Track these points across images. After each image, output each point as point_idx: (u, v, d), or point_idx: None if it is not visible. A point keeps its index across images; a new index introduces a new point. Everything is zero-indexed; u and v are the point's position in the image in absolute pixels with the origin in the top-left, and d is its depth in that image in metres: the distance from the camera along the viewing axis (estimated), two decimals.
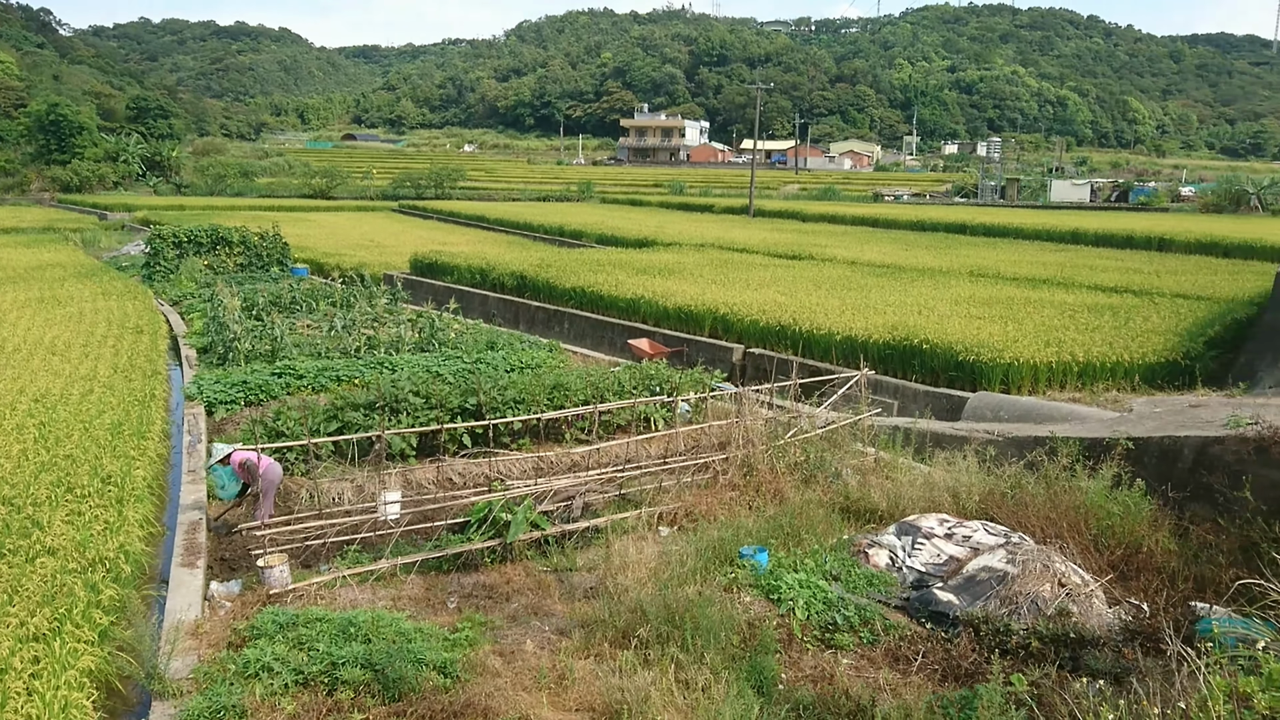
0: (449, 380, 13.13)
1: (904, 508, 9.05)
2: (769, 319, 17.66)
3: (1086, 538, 7.93)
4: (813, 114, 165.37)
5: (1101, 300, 20.19)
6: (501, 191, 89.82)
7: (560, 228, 46.34)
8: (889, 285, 22.80)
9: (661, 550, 7.86)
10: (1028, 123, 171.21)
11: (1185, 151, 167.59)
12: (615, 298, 21.51)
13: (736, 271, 25.83)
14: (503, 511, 8.38)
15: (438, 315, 19.18)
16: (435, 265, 29.41)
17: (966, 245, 36.35)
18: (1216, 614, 6.17)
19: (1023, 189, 79.69)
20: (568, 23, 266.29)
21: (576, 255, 31.22)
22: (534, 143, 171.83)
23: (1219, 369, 15.04)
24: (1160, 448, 9.23)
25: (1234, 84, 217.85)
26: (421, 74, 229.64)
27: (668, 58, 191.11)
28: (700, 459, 10.27)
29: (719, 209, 64.86)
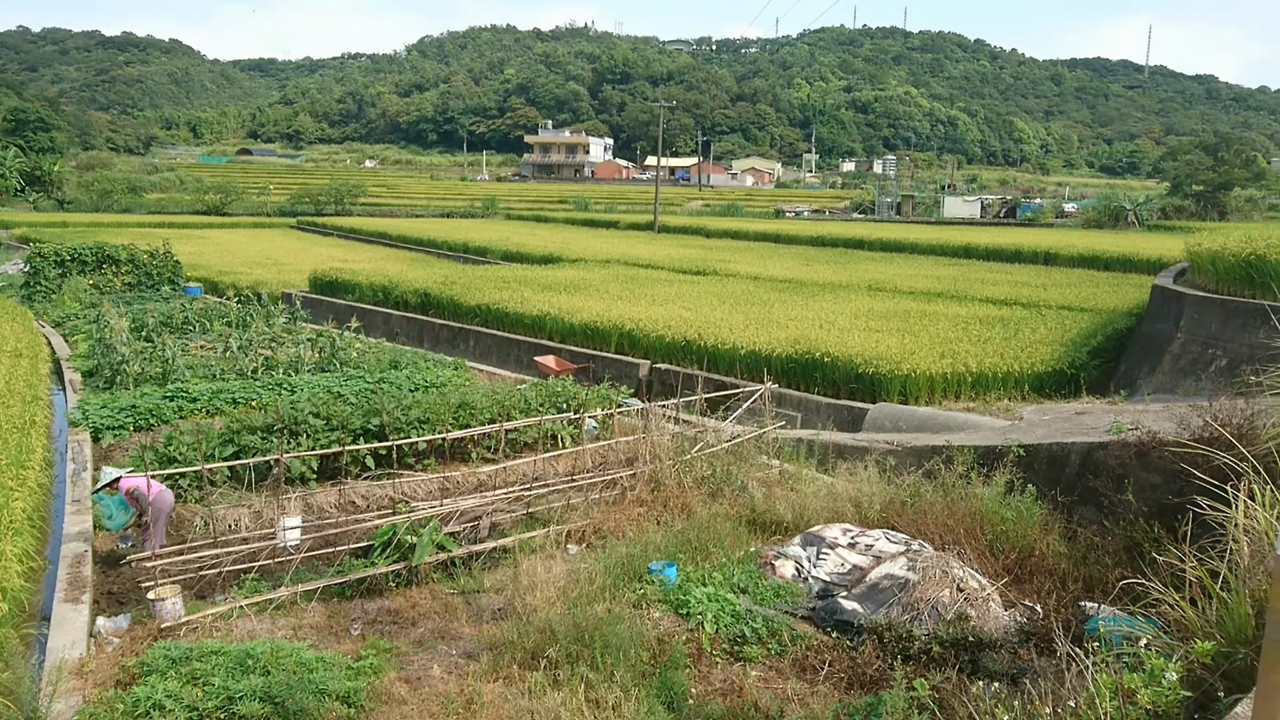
0: (351, 401, 12.86)
1: (809, 519, 9.19)
2: (675, 334, 17.80)
3: (982, 543, 8.18)
4: (715, 132, 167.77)
5: (992, 312, 20.94)
6: (404, 208, 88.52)
7: (465, 244, 45.93)
8: (791, 300, 23.23)
9: (570, 569, 7.81)
10: (921, 141, 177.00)
11: (1067, 170, 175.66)
12: (521, 315, 21.40)
13: (642, 287, 25.97)
14: (408, 534, 8.21)
15: (339, 334, 18.76)
16: (336, 283, 28.80)
17: (865, 260, 37.33)
18: (1104, 613, 6.42)
19: (917, 205, 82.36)
20: (470, 39, 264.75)
21: (481, 272, 30.97)
22: (437, 159, 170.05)
23: (1102, 377, 15.76)
24: (1049, 454, 9.59)
25: (1110, 106, 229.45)
26: (320, 88, 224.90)
27: (571, 75, 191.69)
28: (608, 475, 10.25)
29: (624, 225, 65.20)
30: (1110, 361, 16.66)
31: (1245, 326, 12.56)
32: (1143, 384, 14.37)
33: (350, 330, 19.86)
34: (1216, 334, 13.41)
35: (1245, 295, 13.52)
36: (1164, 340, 14.87)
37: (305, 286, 30.18)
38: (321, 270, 30.66)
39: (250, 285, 29.28)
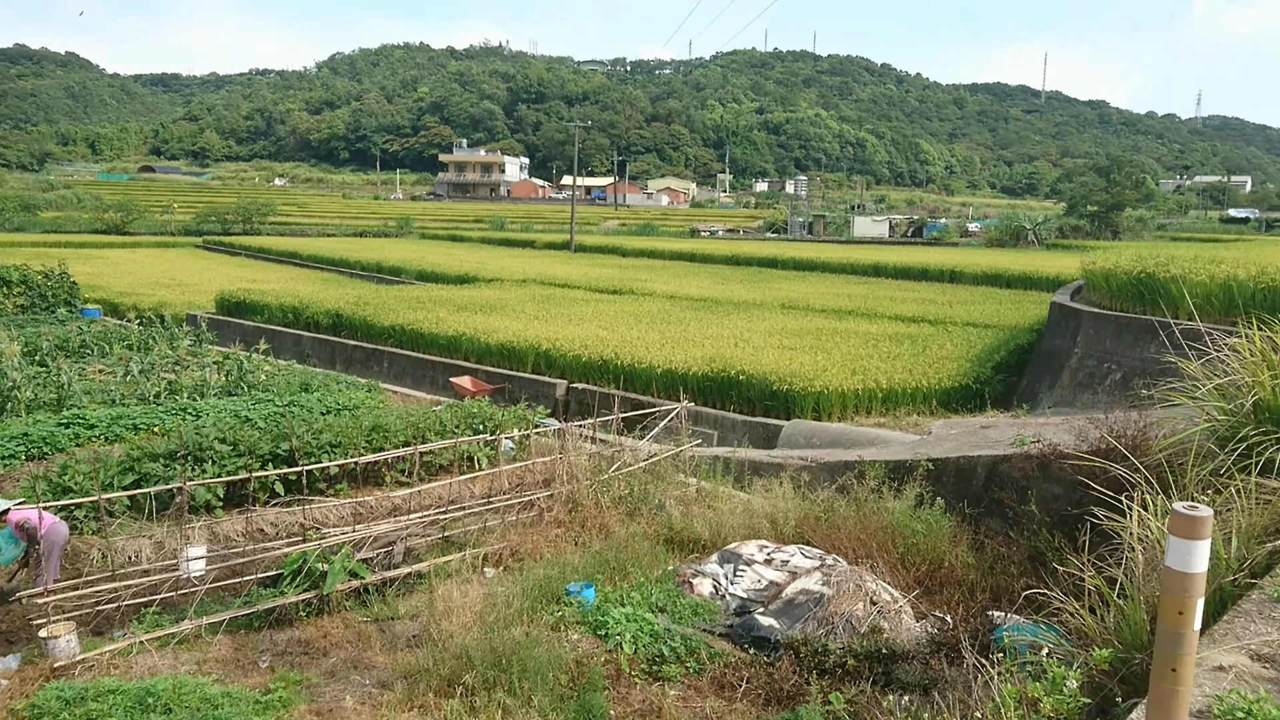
0: (259, 425, 12.49)
1: (726, 536, 9.25)
2: (591, 354, 17.80)
3: (894, 556, 8.34)
4: (630, 152, 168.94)
5: (901, 330, 21.47)
6: (315, 227, 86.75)
7: (378, 264, 45.23)
8: (707, 318, 23.45)
9: (487, 592, 7.71)
10: (831, 162, 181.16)
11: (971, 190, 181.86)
12: (436, 335, 21.14)
13: (559, 307, 25.93)
14: (319, 561, 8.00)
15: (247, 357, 18.24)
16: (244, 304, 28.05)
17: (778, 279, 37.93)
18: (1010, 622, 6.60)
19: (828, 225, 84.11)
20: (382, 56, 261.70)
21: (396, 292, 30.53)
22: (349, 177, 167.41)
23: (1005, 391, 16.28)
24: (957, 467, 9.84)
25: (1010, 129, 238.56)
26: (227, 104, 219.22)
27: (486, 94, 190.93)
28: (525, 497, 10.17)
29: (540, 244, 65.06)
30: (1013, 376, 17.23)
31: (1137, 341, 13.12)
32: (1044, 397, 14.89)
33: (259, 353, 19.32)
34: (1111, 349, 13.98)
35: (1137, 311, 14.12)
36: (1063, 355, 15.44)
37: (211, 308, 29.30)
38: (229, 291, 29.82)
39: (153, 307, 28.30)
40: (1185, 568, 2.59)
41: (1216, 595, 3.91)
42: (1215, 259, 14.31)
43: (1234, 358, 6.16)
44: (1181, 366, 6.66)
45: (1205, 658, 3.09)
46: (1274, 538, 4.21)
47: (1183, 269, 13.41)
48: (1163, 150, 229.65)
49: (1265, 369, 5.72)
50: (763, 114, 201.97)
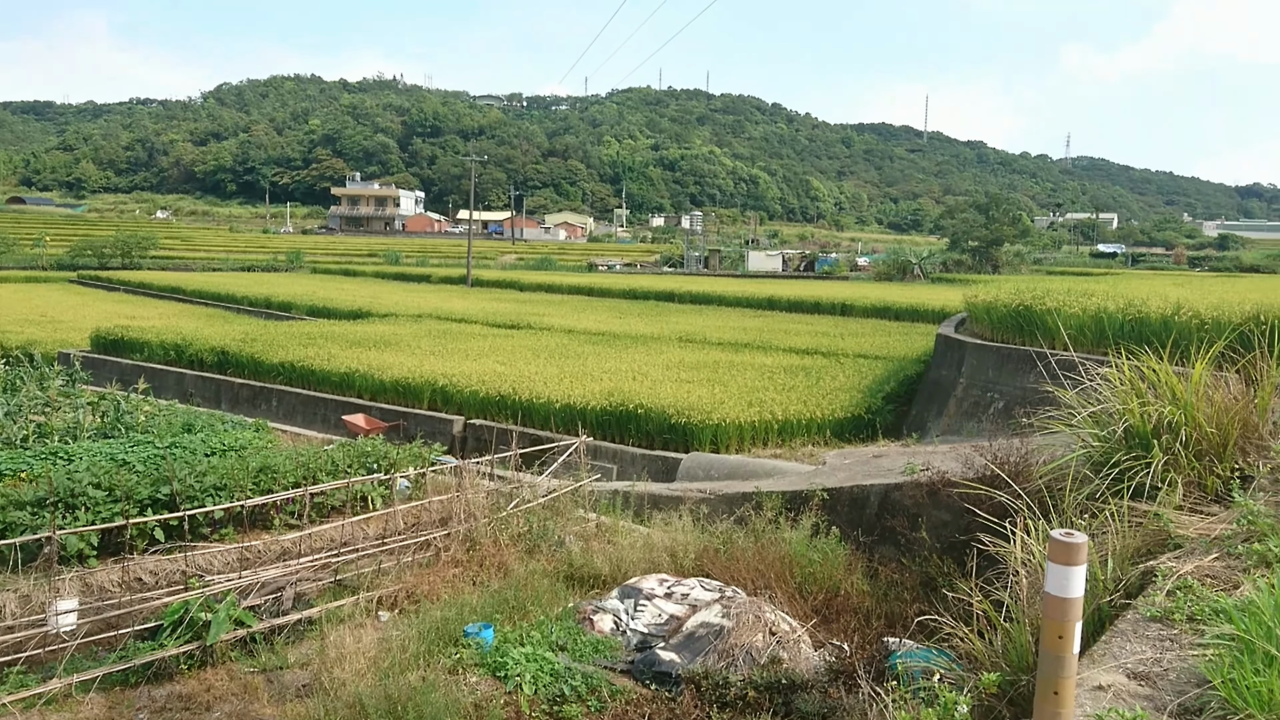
0: (138, 468, 11.91)
1: (626, 570, 9.21)
2: (489, 389, 17.61)
3: (792, 586, 8.44)
4: (527, 186, 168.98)
5: (796, 362, 21.91)
6: (201, 261, 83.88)
7: (268, 299, 43.97)
8: (605, 352, 23.49)
9: (381, 637, 7.48)
10: (725, 198, 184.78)
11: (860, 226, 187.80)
12: (328, 372, 20.60)
13: (455, 342, 25.62)
14: (201, 611, 7.65)
15: (124, 397, 17.43)
16: (122, 342, 26.83)
17: (676, 312, 38.33)
18: (905, 648, 6.74)
19: (724, 259, 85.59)
20: (272, 87, 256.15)
21: (286, 328, 29.69)
22: (237, 210, 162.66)
23: (896, 421, 16.74)
24: (851, 496, 10.05)
25: (895, 167, 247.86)
26: (105, 134, 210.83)
27: (380, 127, 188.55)
28: (421, 537, 9.95)
29: (436, 279, 64.33)
30: (903, 406, 17.74)
31: (1018, 371, 13.68)
32: (932, 426, 15.36)
33: (138, 392, 18.48)
34: (994, 378, 14.54)
35: (1017, 342, 14.74)
36: (949, 385, 15.98)
37: (87, 346, 27.94)
38: (105, 328, 28.48)
39: (21, 345, 26.84)
40: (1064, 593, 2.70)
41: (1095, 616, 4.07)
42: (1087, 292, 15.07)
43: (1106, 386, 6.47)
44: (1058, 395, 6.96)
45: (1086, 678, 3.20)
46: (1145, 559, 4.42)
47: (1057, 302, 14.06)
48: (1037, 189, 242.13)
49: (1134, 397, 6.02)
50: (658, 150, 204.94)
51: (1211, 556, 4.19)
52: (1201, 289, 17.99)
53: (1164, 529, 4.70)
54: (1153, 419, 5.77)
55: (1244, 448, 5.78)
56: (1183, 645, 3.38)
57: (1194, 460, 5.54)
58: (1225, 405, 5.89)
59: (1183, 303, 12.59)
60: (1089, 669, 3.24)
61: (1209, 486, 5.42)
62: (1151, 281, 26.07)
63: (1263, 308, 11.63)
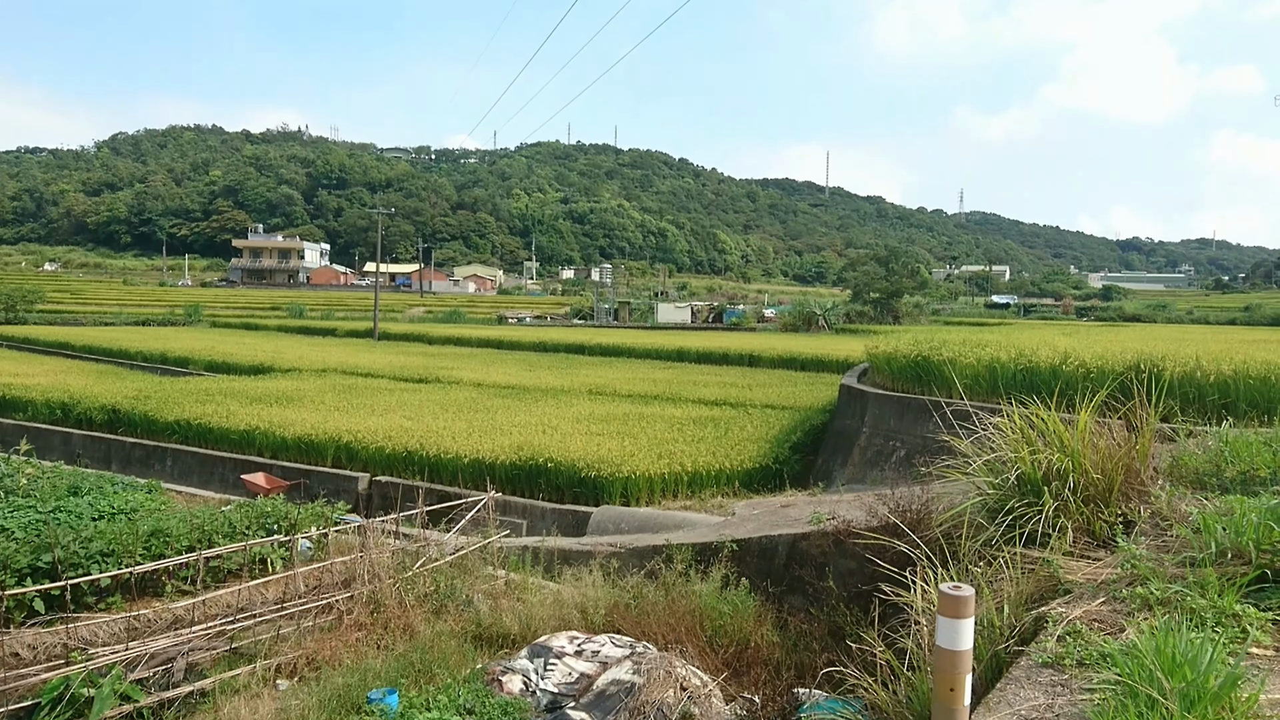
0: (17, 535, 11.30)
1: (536, 629, 9.07)
2: (395, 445, 17.28)
3: (703, 639, 8.42)
4: (436, 239, 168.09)
5: (705, 413, 22.09)
6: (92, 315, 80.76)
7: (163, 354, 42.50)
8: (515, 406, 23.32)
9: (280, 706, 7.19)
10: (634, 250, 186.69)
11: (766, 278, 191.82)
12: (227, 429, 19.93)
13: (361, 397, 25.12)
14: (84, 686, 7.25)
15: (4, 459, 16.55)
16: (3, 401, 25.54)
17: (586, 365, 38.34)
18: (814, 698, 6.77)
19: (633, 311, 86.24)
20: (171, 137, 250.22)
21: (182, 384, 28.69)
22: (132, 262, 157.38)
23: (803, 470, 16.98)
24: (760, 547, 10.12)
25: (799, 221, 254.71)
26: None
27: (284, 179, 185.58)
28: (322, 600, 9.63)
29: (342, 332, 63.20)
30: (810, 455, 18.02)
31: (918, 420, 14.05)
32: (837, 475, 15.63)
33: (19, 454, 17.57)
34: (895, 427, 14.91)
35: (916, 392, 15.17)
36: (852, 434, 16.32)
37: None
38: None
39: None
40: (953, 645, 2.76)
41: (993, 662, 4.17)
42: (981, 342, 15.64)
43: (999, 435, 6.70)
44: (955, 444, 7.17)
45: None
46: (1038, 604, 4.55)
47: (954, 352, 14.56)
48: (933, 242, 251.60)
49: (1025, 445, 6.25)
50: (567, 204, 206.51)
51: (1099, 601, 4.35)
52: (1088, 338, 18.85)
53: (1055, 574, 4.86)
54: (1043, 466, 6.00)
55: (1127, 493, 6.04)
56: (1073, 690, 3.48)
57: (1082, 506, 5.76)
58: (1109, 452, 6.16)
59: (1070, 352, 13.17)
60: (985, 717, 3.31)
61: (1097, 531, 5.63)
62: (1042, 331, 27.22)
63: (1143, 356, 12.24)
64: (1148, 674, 3.18)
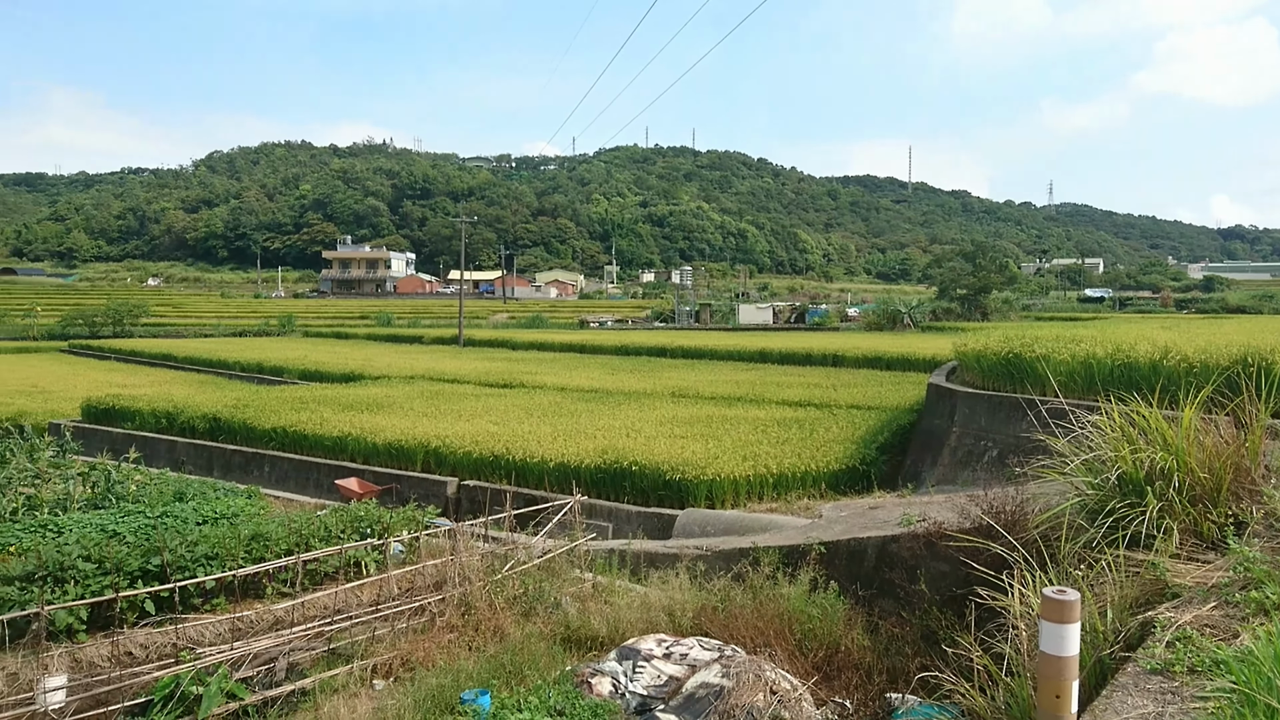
0: (128, 540, 11.80)
1: (624, 631, 9.10)
2: (482, 450, 17.54)
3: (791, 642, 8.34)
4: (517, 245, 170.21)
5: (789, 414, 21.89)
6: (192, 327, 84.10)
7: (259, 364, 43.94)
8: (598, 409, 23.46)
9: (376, 706, 7.37)
10: (714, 252, 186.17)
11: (849, 277, 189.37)
12: (321, 436, 20.51)
13: (448, 403, 25.57)
14: (193, 684, 7.53)
15: (115, 467, 17.31)
16: (113, 411, 26.72)
17: (668, 367, 38.37)
18: (908, 704, 6.66)
19: (714, 313, 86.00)
20: (263, 154, 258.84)
21: (277, 393, 29.63)
22: (228, 276, 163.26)
23: (891, 472, 16.70)
24: (848, 549, 9.99)
25: (881, 218, 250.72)
26: (97, 204, 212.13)
27: (370, 190, 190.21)
28: (415, 602, 9.83)
29: (428, 339, 64.43)
30: (898, 456, 17.71)
31: (1010, 419, 13.70)
32: (926, 476, 15.33)
33: (129, 461, 18.37)
34: (986, 427, 14.55)
35: (1008, 390, 14.78)
36: (942, 434, 15.98)
37: (78, 415, 27.82)
38: (97, 397, 28.38)
39: (11, 416, 26.72)
40: (1058, 651, 2.67)
41: (1097, 668, 4.03)
42: (1075, 338, 15.16)
43: (1097, 434, 6.48)
44: (1050, 443, 6.97)
45: None
46: (1144, 609, 4.39)
47: (1046, 349, 14.14)
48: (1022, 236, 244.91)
49: (1125, 444, 6.04)
50: (646, 207, 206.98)
51: (1210, 605, 4.17)
52: (1189, 332, 18.11)
53: (1161, 578, 4.68)
54: (1145, 466, 5.78)
55: (1237, 493, 5.78)
56: (1184, 699, 3.35)
57: (1188, 506, 5.53)
58: (1216, 450, 5.90)
59: (1170, 347, 12.66)
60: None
61: (1205, 533, 5.41)
62: (1139, 325, 26.26)
63: (1250, 350, 11.69)
64: (1266, 682, 3.04)
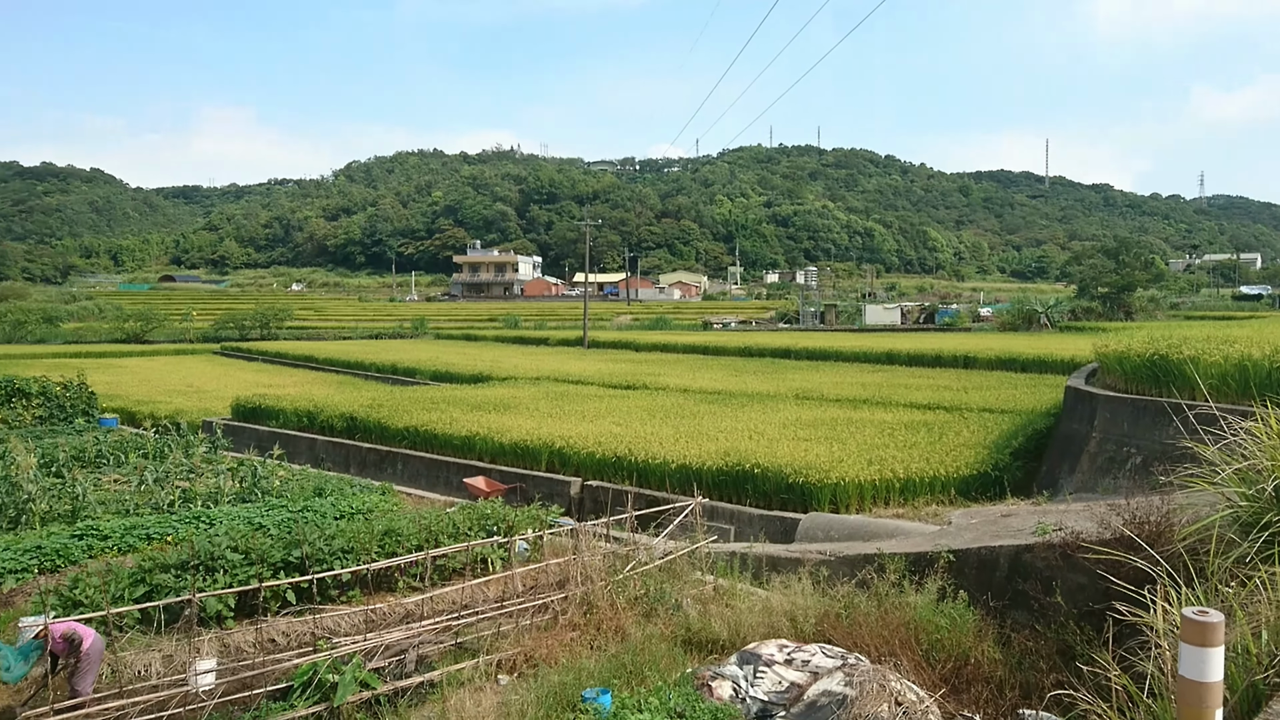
0: (272, 532, 12.43)
1: (744, 635, 9.04)
2: (605, 451, 17.71)
3: (918, 653, 8.11)
4: (641, 247, 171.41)
5: (917, 417, 21.32)
6: (332, 330, 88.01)
7: (393, 365, 45.61)
8: (721, 411, 23.39)
9: (501, 701, 7.52)
10: (840, 252, 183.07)
11: (981, 275, 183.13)
12: (450, 436, 21.12)
13: (573, 403, 25.94)
14: (329, 672, 7.86)
15: (261, 462, 18.27)
16: (259, 409, 28.18)
17: (792, 369, 37.95)
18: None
19: (840, 314, 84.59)
20: (397, 163, 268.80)
21: (410, 393, 30.67)
22: (365, 280, 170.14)
23: (1025, 478, 16.04)
24: (979, 558, 9.65)
25: (1016, 215, 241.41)
26: (246, 214, 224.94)
27: (498, 196, 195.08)
28: (539, 600, 10.01)
29: (554, 341, 65.54)
30: (1032, 462, 17.01)
31: (1155, 425, 12.97)
32: (1064, 483, 14.67)
33: (273, 458, 19.35)
34: (1129, 432, 13.82)
35: (1152, 394, 14.01)
36: (1081, 440, 15.27)
37: (227, 414, 29.45)
38: (244, 397, 29.99)
39: (169, 415, 28.50)
40: (1199, 676, 2.49)
41: (1250, 694, 3.77)
42: (1229, 338, 14.25)
43: (1251, 441, 6.07)
44: (1199, 451, 6.57)
45: None
46: None
47: (1196, 350, 13.34)
48: (1170, 231, 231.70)
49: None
50: (770, 207, 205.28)
51: None
52: None
53: None
54: None
55: None
56: None
57: None
58: None
59: None
60: None
61: None
62: None
63: None
64: None
